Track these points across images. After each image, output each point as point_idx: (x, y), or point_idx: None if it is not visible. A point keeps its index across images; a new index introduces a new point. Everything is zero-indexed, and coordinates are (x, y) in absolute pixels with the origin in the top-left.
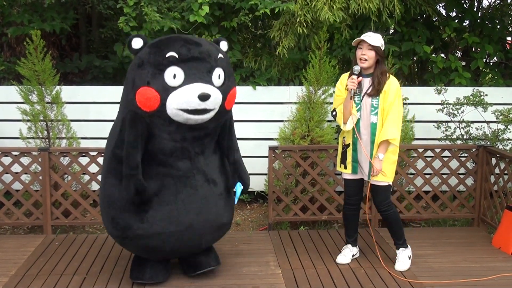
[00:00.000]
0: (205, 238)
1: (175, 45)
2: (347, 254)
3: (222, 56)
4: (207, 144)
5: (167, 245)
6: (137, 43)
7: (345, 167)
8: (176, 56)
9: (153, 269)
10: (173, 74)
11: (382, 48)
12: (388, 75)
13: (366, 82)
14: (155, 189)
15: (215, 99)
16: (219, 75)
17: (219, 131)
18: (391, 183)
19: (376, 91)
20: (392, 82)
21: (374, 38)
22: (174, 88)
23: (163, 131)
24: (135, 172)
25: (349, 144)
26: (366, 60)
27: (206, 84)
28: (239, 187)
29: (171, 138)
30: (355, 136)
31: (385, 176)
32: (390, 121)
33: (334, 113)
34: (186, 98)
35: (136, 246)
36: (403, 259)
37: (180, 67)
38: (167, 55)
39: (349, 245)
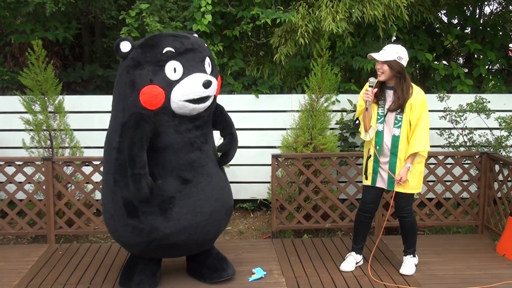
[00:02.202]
0: (224, 224)
1: (167, 41)
2: (351, 261)
3: (207, 46)
4: (207, 132)
5: (194, 237)
6: (125, 46)
7: (366, 178)
8: (173, 50)
9: (140, 276)
10: (173, 68)
11: (402, 61)
12: (411, 88)
13: (390, 95)
14: (176, 186)
15: (214, 85)
16: (209, 64)
17: (211, 117)
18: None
19: (397, 107)
20: (417, 94)
21: (386, 53)
22: (177, 82)
23: (169, 127)
24: (144, 171)
25: (370, 155)
26: (382, 73)
27: (203, 73)
28: (260, 272)
29: (176, 132)
30: (377, 147)
31: (407, 186)
32: (419, 133)
33: (357, 121)
34: (191, 88)
35: (162, 246)
36: (410, 264)
37: (178, 60)
38: (164, 51)
39: (353, 253)
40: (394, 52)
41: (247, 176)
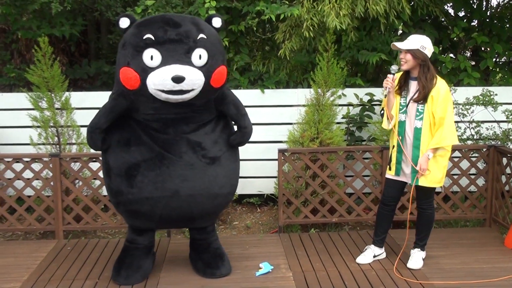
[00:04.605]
0: (196, 207)
1: (153, 27)
2: (368, 254)
3: (204, 36)
4: (195, 117)
5: (157, 210)
6: (124, 22)
7: (390, 169)
8: (153, 38)
9: (127, 271)
10: (151, 56)
11: (425, 51)
12: (435, 79)
13: (414, 86)
14: (143, 156)
15: (192, 80)
16: (200, 56)
17: (212, 105)
18: (438, 186)
19: (422, 97)
20: (440, 87)
21: (410, 42)
22: (152, 69)
23: (148, 108)
24: (92, 130)
25: (394, 145)
26: (405, 62)
27: (184, 66)
28: (268, 266)
29: (156, 113)
30: (399, 138)
31: (430, 180)
32: (446, 128)
33: (382, 111)
34: (160, 79)
35: (129, 212)
36: (417, 258)
37: (156, 49)
38: (144, 37)
39: (372, 245)
40: (418, 41)
41: (254, 171)
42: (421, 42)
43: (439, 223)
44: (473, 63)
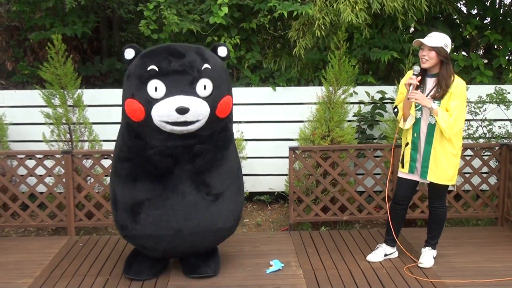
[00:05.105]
0: (199, 243)
1: (157, 58)
2: (379, 252)
3: (209, 67)
4: (200, 151)
5: (160, 247)
6: (129, 53)
7: (403, 166)
8: (157, 69)
9: (140, 266)
10: (155, 87)
11: (447, 48)
12: (453, 76)
13: (430, 83)
14: (148, 194)
15: (197, 111)
16: (204, 86)
17: (217, 136)
18: (449, 184)
19: (442, 95)
20: (458, 84)
21: (434, 39)
22: (157, 100)
23: (154, 139)
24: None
25: (408, 143)
26: (427, 60)
27: (189, 96)
28: (278, 264)
29: (162, 145)
30: (414, 135)
31: (441, 177)
32: (455, 117)
33: (395, 110)
34: (165, 111)
35: (135, 244)
36: (428, 257)
37: (161, 80)
38: (148, 69)
39: (384, 244)
40: (441, 39)
41: (265, 169)
42: (444, 40)
43: (451, 222)
44: (486, 61)
